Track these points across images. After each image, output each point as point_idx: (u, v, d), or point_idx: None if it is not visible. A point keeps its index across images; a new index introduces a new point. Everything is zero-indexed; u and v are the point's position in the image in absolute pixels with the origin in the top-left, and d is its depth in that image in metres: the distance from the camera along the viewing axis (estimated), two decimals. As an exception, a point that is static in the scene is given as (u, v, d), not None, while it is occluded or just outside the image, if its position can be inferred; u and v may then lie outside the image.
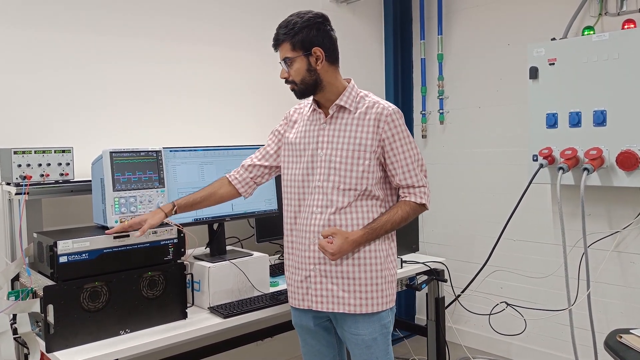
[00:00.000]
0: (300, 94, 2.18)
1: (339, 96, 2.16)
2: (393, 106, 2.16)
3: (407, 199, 2.17)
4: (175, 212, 2.25)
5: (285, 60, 2.13)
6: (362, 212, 2.14)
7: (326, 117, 2.19)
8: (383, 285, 2.15)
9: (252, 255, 2.63)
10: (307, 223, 2.17)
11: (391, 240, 2.23)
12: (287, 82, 2.18)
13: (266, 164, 2.35)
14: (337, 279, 2.13)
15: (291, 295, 2.27)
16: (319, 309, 2.17)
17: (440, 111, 4.22)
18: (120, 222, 2.18)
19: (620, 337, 2.50)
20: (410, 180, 2.15)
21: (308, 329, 2.27)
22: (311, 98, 2.24)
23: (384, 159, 2.15)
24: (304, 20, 2.10)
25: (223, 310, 2.35)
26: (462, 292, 3.66)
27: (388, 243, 2.21)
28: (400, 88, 4.30)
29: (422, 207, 2.19)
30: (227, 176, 2.36)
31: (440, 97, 4.21)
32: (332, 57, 2.16)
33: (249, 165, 2.35)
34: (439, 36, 4.18)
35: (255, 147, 2.80)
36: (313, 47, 2.10)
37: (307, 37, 2.09)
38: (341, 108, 2.17)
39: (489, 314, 3.69)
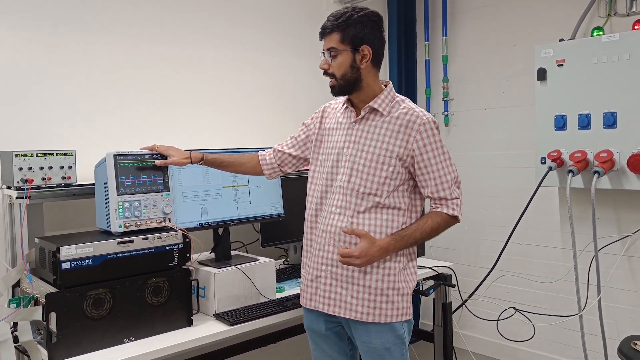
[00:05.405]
0: (338, 90, 2.10)
1: (374, 98, 2.10)
2: (428, 115, 2.08)
3: (439, 209, 2.08)
4: (201, 164, 2.33)
5: (330, 50, 2.05)
6: (383, 219, 2.05)
7: (357, 117, 2.13)
8: (394, 298, 2.07)
9: (258, 260, 2.57)
10: (325, 222, 2.12)
11: (411, 251, 2.14)
12: (325, 73, 2.11)
13: (294, 153, 2.35)
14: (346, 283, 2.08)
15: (301, 294, 2.25)
16: (325, 311, 2.13)
17: (445, 113, 4.18)
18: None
19: (635, 344, 2.46)
20: (443, 193, 2.07)
21: (319, 333, 2.22)
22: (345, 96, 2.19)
23: (414, 169, 2.07)
24: (360, 15, 2.04)
25: (229, 317, 2.30)
26: (469, 297, 3.60)
27: (408, 254, 2.12)
28: (404, 90, 4.23)
29: (454, 219, 2.09)
30: (259, 154, 2.42)
31: (445, 99, 4.17)
32: (378, 59, 2.10)
33: (278, 151, 2.38)
34: (444, 37, 4.14)
35: (261, 150, 2.75)
36: (362, 45, 2.04)
37: (359, 33, 2.04)
38: (373, 110, 2.11)
39: (497, 320, 3.64)
